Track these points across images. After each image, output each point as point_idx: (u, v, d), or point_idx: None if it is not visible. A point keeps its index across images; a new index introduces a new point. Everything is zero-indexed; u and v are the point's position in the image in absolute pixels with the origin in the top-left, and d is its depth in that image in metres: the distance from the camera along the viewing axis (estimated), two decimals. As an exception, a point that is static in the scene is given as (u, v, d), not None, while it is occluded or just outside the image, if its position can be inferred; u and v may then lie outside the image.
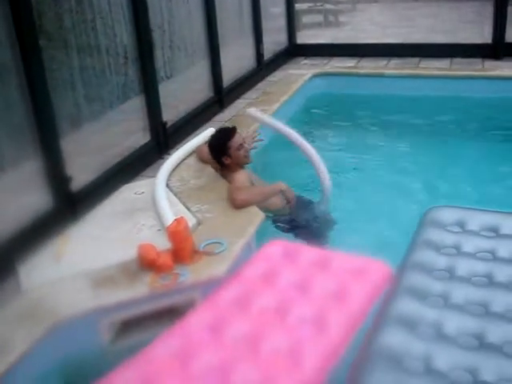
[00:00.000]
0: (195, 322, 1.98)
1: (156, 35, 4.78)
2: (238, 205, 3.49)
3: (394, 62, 7.42)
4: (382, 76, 6.83)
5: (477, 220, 3.12)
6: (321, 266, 2.25)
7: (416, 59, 7.39)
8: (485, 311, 2.43)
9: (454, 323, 2.35)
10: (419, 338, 2.28)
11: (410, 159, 5.12)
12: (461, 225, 3.11)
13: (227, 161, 3.85)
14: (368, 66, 7.30)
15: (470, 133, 5.70)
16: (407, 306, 2.47)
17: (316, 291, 2.11)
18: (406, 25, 8.81)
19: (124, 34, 4.33)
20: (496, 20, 7.18)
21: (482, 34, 7.54)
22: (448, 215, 3.19)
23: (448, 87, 6.43)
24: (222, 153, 3.86)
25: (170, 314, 2.76)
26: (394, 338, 2.29)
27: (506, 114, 5.97)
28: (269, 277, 2.20)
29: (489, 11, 7.26)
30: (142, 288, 2.76)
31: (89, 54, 3.97)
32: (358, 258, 2.32)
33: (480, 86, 6.35)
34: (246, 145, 3.86)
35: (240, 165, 3.88)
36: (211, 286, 2.67)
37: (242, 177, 3.73)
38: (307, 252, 2.37)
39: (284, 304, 2.04)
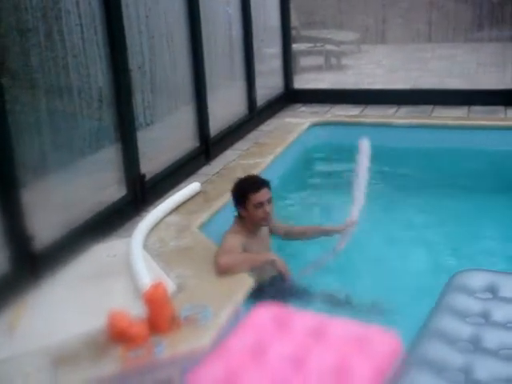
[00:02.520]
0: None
1: (135, 76, 4.84)
2: (219, 269, 3.52)
3: (404, 110, 7.53)
4: (390, 126, 6.91)
5: (510, 285, 3.12)
6: (317, 336, 2.22)
7: (429, 107, 7.50)
8: None
9: None
10: None
11: (423, 218, 5.16)
12: (492, 290, 3.10)
13: (243, 212, 3.86)
14: (374, 114, 7.40)
15: (490, 189, 5.74)
16: (424, 381, 2.43)
17: (313, 367, 2.07)
18: (418, 68, 8.97)
19: (99, 75, 4.38)
20: (519, 63, 7.33)
21: (504, 79, 7.67)
22: (477, 280, 3.20)
23: (465, 139, 6.47)
24: (239, 201, 3.87)
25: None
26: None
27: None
28: (257, 350, 2.16)
29: (511, 53, 7.40)
30: (110, 365, 2.71)
31: (58, 96, 4.01)
32: (361, 326, 2.28)
33: (502, 137, 6.41)
34: (267, 208, 3.82)
35: (254, 223, 3.88)
36: (192, 362, 2.64)
37: (233, 240, 3.74)
38: (301, 318, 2.34)
39: (277, 382, 2.00)
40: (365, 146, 4.61)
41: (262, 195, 3.79)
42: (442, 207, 5.39)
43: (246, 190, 3.82)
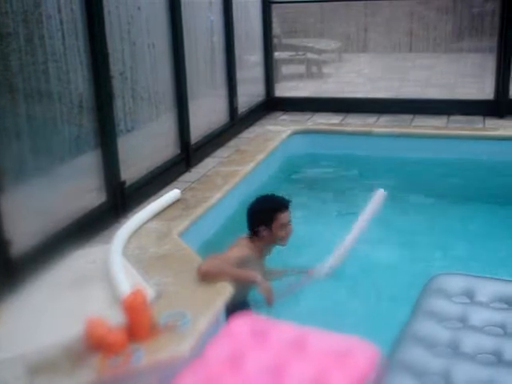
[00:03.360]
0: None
1: (117, 83, 4.83)
2: (199, 273, 3.49)
3: (385, 119, 7.58)
4: (370, 135, 6.96)
5: (487, 289, 3.16)
6: (296, 347, 2.21)
7: (409, 116, 7.56)
8: None
9: None
10: None
11: (402, 226, 5.19)
12: (468, 294, 3.13)
13: (263, 232, 3.82)
14: (355, 123, 7.44)
15: (470, 198, 5.80)
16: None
17: (291, 379, 2.06)
18: (399, 78, 9.02)
19: (80, 80, 4.37)
20: (499, 74, 7.43)
21: (484, 90, 7.75)
22: (454, 283, 3.23)
23: (445, 148, 6.55)
24: (263, 221, 3.82)
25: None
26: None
27: (510, 178, 6.08)
28: (236, 360, 2.15)
29: (491, 64, 7.49)
30: (88, 374, 2.69)
31: (38, 101, 3.99)
32: (340, 337, 2.28)
33: (481, 147, 6.48)
34: (290, 227, 3.86)
35: (272, 243, 3.89)
36: (171, 369, 2.63)
37: (236, 253, 3.71)
38: (280, 329, 2.33)
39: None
40: (379, 197, 4.38)
41: (288, 215, 3.85)
42: (421, 215, 5.43)
43: (276, 209, 3.83)
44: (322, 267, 3.98)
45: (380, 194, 4.37)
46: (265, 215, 3.83)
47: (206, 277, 3.47)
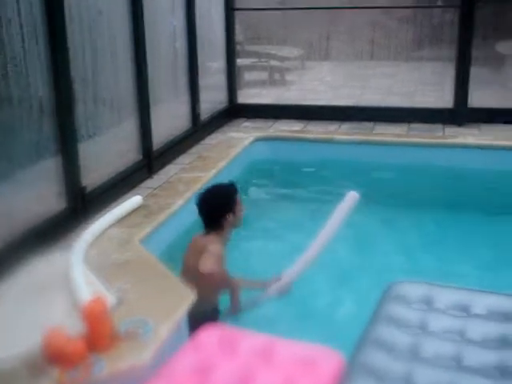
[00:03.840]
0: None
1: (77, 88, 4.77)
2: (207, 270, 3.51)
3: (346, 126, 7.63)
4: (331, 142, 6.99)
5: (445, 297, 3.21)
6: (264, 357, 2.21)
7: (370, 124, 7.62)
8: None
9: None
10: None
11: (362, 233, 5.22)
12: (427, 302, 3.17)
13: (229, 219, 3.83)
14: (316, 130, 7.48)
15: (428, 205, 5.87)
16: None
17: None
18: (360, 85, 9.10)
19: (40, 85, 4.30)
20: (458, 83, 7.53)
21: (443, 98, 7.86)
22: (413, 291, 3.27)
23: (405, 155, 6.61)
24: (228, 208, 3.83)
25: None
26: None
27: (468, 184, 6.18)
28: (203, 371, 2.14)
29: (450, 73, 7.59)
30: (47, 385, 2.64)
31: (-4, 105, 3.92)
32: (306, 346, 2.29)
33: (440, 154, 6.57)
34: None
35: (232, 229, 3.92)
36: (134, 379, 2.60)
37: (221, 252, 3.73)
38: (247, 339, 2.33)
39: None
40: (350, 200, 4.03)
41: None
42: (380, 221, 5.47)
43: (234, 192, 3.89)
44: (282, 282, 3.91)
45: (352, 197, 4.05)
46: (227, 202, 3.85)
47: (211, 276, 3.52)
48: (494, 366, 2.65)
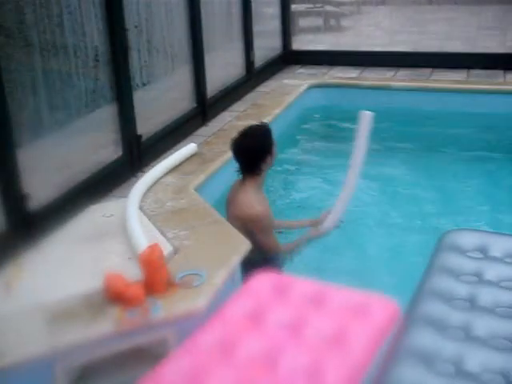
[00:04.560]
0: (170, 373, 1.93)
1: (132, 36, 4.78)
2: (250, 213, 3.57)
3: (403, 72, 7.48)
4: (388, 89, 6.88)
5: (500, 245, 3.18)
6: (316, 303, 2.22)
7: (428, 70, 7.45)
8: (511, 346, 2.45)
9: (476, 359, 2.37)
10: (438, 375, 2.29)
11: (418, 181, 5.18)
12: (482, 250, 3.15)
13: (269, 161, 3.70)
14: (372, 77, 7.36)
15: (490, 153, 5.75)
16: (424, 338, 2.50)
17: (311, 334, 2.07)
18: (417, 31, 8.89)
19: (95, 33, 4.33)
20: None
21: (504, 43, 7.63)
22: (467, 240, 3.25)
23: (464, 102, 6.48)
24: (267, 151, 3.67)
25: (139, 357, 2.72)
26: (411, 375, 2.30)
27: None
28: (256, 317, 2.16)
29: (511, 17, 7.34)
30: (106, 324, 2.72)
31: (53, 55, 3.96)
32: (359, 293, 2.28)
33: (501, 101, 6.40)
34: None
35: (268, 170, 3.79)
36: (187, 324, 2.66)
37: (261, 196, 3.72)
38: (300, 286, 2.34)
39: (274, 350, 1.99)
40: (366, 120, 3.85)
41: None
42: (438, 169, 5.41)
43: (270, 133, 3.73)
44: (328, 220, 3.91)
45: (366, 117, 3.85)
46: (268, 144, 3.70)
47: (253, 221, 3.57)
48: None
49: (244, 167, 3.69)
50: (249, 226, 3.58)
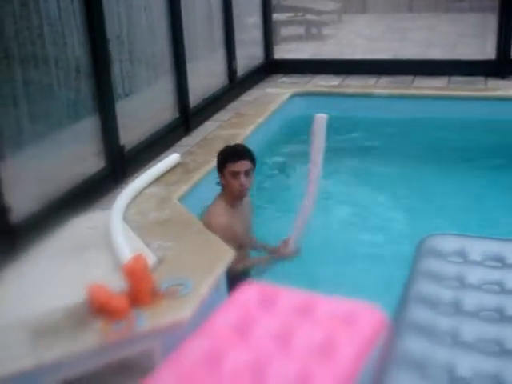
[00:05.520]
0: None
1: (113, 46, 4.77)
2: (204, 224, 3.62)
3: (385, 80, 7.53)
4: (370, 96, 6.92)
5: (479, 248, 3.21)
6: (304, 313, 2.21)
7: (409, 77, 7.50)
8: (499, 349, 2.47)
9: (466, 363, 2.38)
10: (431, 382, 2.30)
11: (401, 187, 5.20)
12: (462, 254, 3.18)
13: (222, 179, 3.79)
14: (355, 84, 7.39)
15: (469, 158, 5.80)
16: (413, 344, 2.52)
17: (298, 345, 2.06)
18: (399, 38, 8.95)
19: (76, 44, 4.32)
20: (500, 34, 7.34)
21: (485, 50, 7.69)
22: (446, 244, 3.27)
23: (445, 109, 6.52)
24: (219, 168, 3.80)
25: (125, 370, 2.70)
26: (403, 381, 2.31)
27: (510, 138, 6.06)
28: (243, 328, 2.15)
29: (492, 24, 7.41)
30: (91, 338, 2.70)
31: (34, 66, 3.94)
32: (346, 302, 2.28)
33: (481, 107, 6.44)
34: (242, 179, 3.69)
35: (232, 193, 3.77)
36: (173, 335, 2.64)
37: (219, 208, 3.75)
38: (287, 296, 2.33)
39: (261, 362, 1.98)
40: (320, 123, 3.66)
41: (240, 165, 3.69)
42: (417, 176, 5.44)
43: (225, 157, 3.77)
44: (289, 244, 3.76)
45: (320, 120, 3.66)
46: (219, 163, 3.80)
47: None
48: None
49: None
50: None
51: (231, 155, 3.77)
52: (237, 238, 3.71)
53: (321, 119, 3.66)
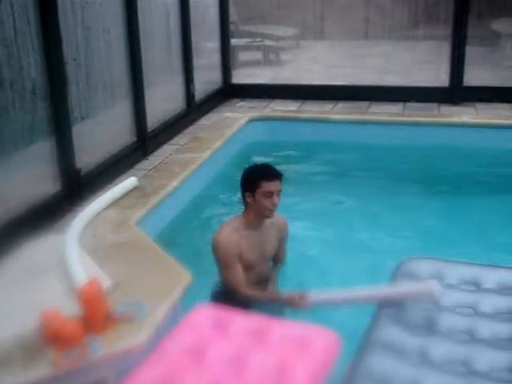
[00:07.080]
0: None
1: (70, 69, 4.73)
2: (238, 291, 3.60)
3: (341, 105, 7.60)
4: (327, 121, 6.98)
5: (455, 272, 3.27)
6: (257, 338, 2.20)
7: (365, 103, 7.58)
8: (467, 370, 2.51)
9: (432, 382, 2.42)
10: None
11: (360, 214, 5.21)
12: (438, 278, 3.21)
13: (248, 199, 3.71)
14: (312, 109, 7.45)
15: (424, 183, 5.86)
16: (380, 362, 2.57)
17: (253, 369, 2.04)
18: (355, 65, 9.05)
19: (32, 66, 4.27)
20: (453, 62, 7.50)
21: (439, 77, 7.83)
22: (423, 268, 3.32)
23: (400, 134, 6.62)
24: (248, 187, 3.71)
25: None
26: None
27: (463, 163, 6.17)
28: (197, 351, 2.12)
29: (446, 52, 7.56)
30: (43, 367, 2.63)
31: (-11, 88, 3.89)
32: (300, 326, 2.28)
33: (435, 133, 6.57)
34: (276, 199, 3.65)
35: (259, 214, 3.73)
36: (129, 360, 2.59)
37: (230, 244, 3.66)
38: (241, 320, 2.31)
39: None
40: (433, 291, 3.07)
41: (275, 185, 3.66)
42: (378, 202, 5.47)
43: (260, 176, 3.68)
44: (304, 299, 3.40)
45: (434, 289, 3.10)
46: (250, 182, 3.71)
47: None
48: (507, 338, 2.73)
49: None
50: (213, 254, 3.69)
51: (266, 173, 3.71)
52: (242, 259, 3.68)
53: (434, 288, 3.11)
